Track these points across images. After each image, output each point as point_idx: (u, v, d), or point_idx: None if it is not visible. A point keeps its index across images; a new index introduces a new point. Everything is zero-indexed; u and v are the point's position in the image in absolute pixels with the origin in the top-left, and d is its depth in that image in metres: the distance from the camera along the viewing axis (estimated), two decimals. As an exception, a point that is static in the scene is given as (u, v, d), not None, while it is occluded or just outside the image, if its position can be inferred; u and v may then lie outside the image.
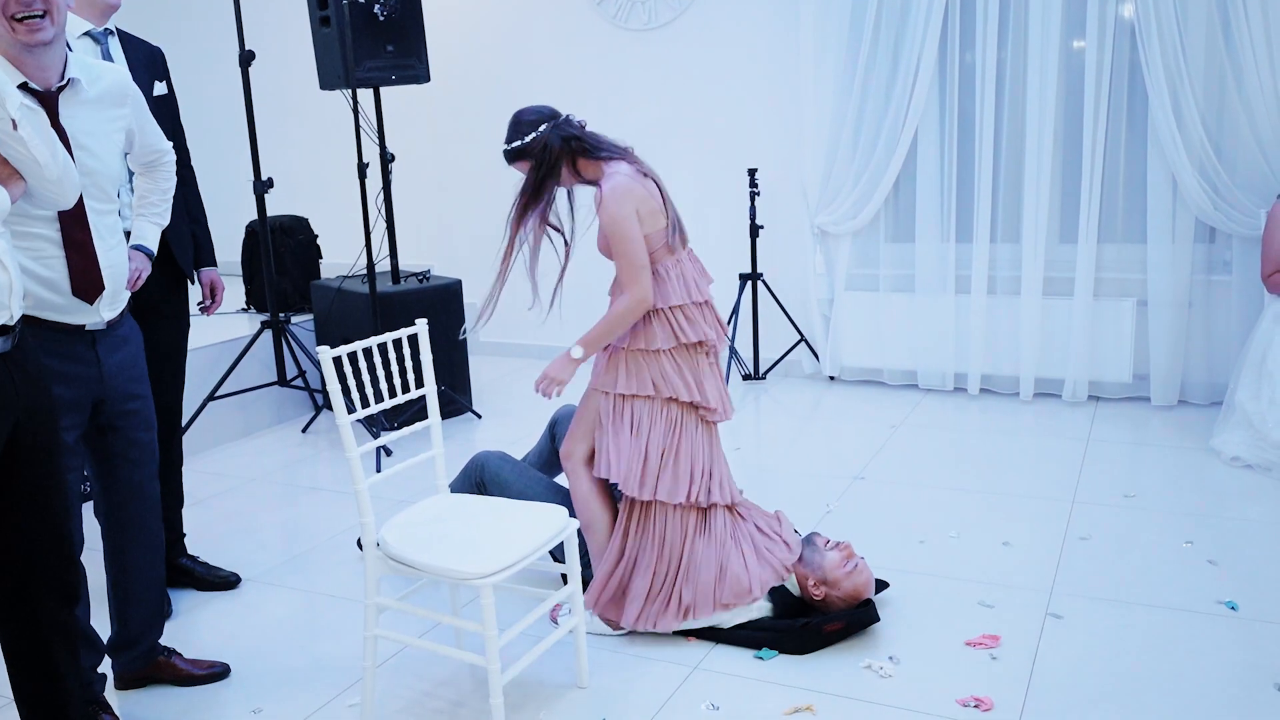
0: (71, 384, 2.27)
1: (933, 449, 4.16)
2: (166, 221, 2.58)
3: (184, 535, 3.25)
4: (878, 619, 2.72)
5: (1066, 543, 3.21)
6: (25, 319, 2.13)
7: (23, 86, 2.02)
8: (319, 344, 5.06)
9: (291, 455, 4.48)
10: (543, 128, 2.71)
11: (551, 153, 2.71)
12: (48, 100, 2.08)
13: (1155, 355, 4.49)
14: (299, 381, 4.86)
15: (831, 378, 5.21)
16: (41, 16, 2.00)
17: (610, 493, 2.86)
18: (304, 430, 4.78)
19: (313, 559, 3.38)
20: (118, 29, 2.90)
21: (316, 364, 4.81)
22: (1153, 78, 4.24)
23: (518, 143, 2.74)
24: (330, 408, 4.85)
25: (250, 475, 4.23)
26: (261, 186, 4.56)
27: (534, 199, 2.74)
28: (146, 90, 2.92)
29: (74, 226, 2.18)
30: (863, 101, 4.79)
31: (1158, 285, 4.43)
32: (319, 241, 5.55)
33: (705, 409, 2.77)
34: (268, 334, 4.76)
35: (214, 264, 3.22)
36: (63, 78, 2.11)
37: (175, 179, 2.58)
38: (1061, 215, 4.65)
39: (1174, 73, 4.20)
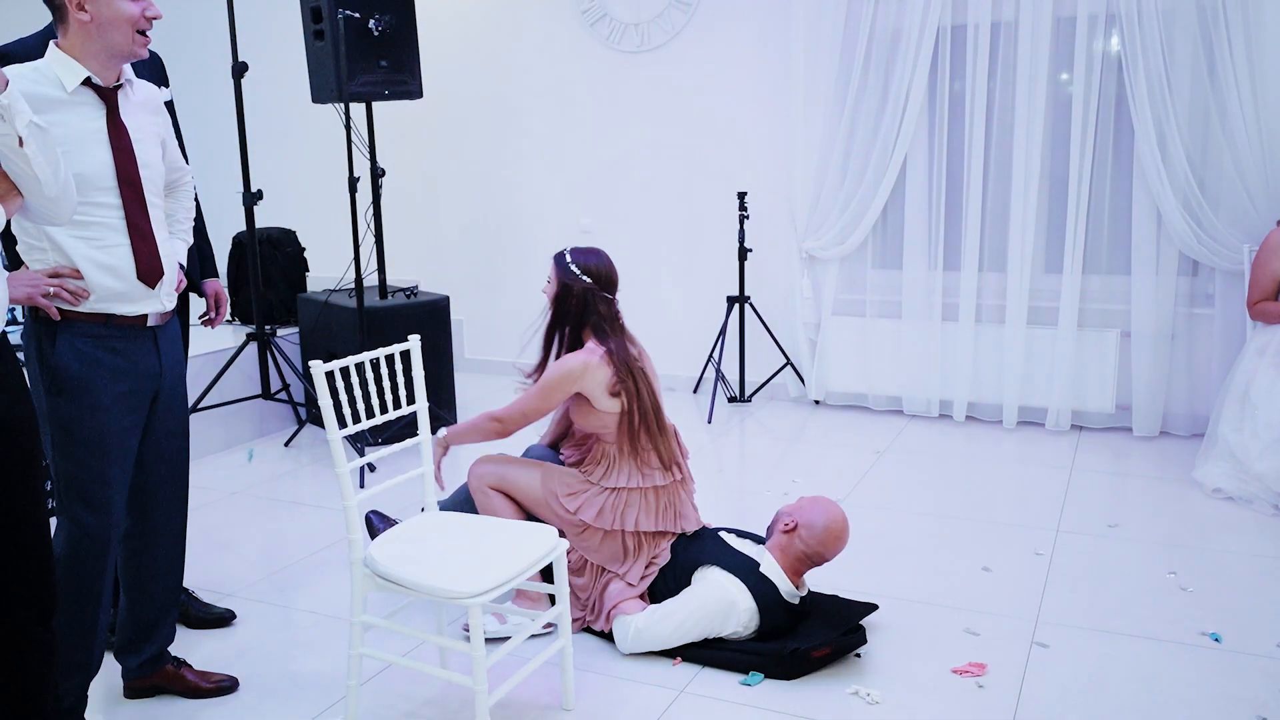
0: (135, 381, 2.32)
1: (917, 475, 4.17)
2: (191, 240, 2.60)
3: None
4: (865, 642, 2.72)
5: (1051, 571, 3.23)
6: (89, 318, 2.22)
7: (86, 82, 2.18)
8: (304, 358, 5.03)
9: (274, 469, 4.44)
10: (589, 280, 2.86)
11: (572, 297, 2.87)
12: (109, 96, 2.23)
13: (1138, 386, 4.53)
14: (283, 395, 4.83)
15: (817, 402, 5.22)
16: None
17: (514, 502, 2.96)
18: (286, 444, 4.74)
19: (294, 575, 3.35)
20: None
21: (301, 377, 4.78)
22: (1138, 112, 4.30)
23: (571, 266, 2.89)
24: (313, 422, 4.87)
25: (232, 489, 4.19)
26: (251, 198, 4.53)
27: (555, 324, 2.94)
28: None
29: (137, 214, 2.26)
30: (852, 128, 4.83)
31: (1141, 317, 4.48)
32: (306, 254, 5.53)
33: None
34: (253, 346, 4.73)
35: (217, 274, 3.15)
36: (118, 79, 2.26)
37: (194, 201, 2.61)
38: (1047, 246, 4.70)
39: (1159, 107, 4.27)
